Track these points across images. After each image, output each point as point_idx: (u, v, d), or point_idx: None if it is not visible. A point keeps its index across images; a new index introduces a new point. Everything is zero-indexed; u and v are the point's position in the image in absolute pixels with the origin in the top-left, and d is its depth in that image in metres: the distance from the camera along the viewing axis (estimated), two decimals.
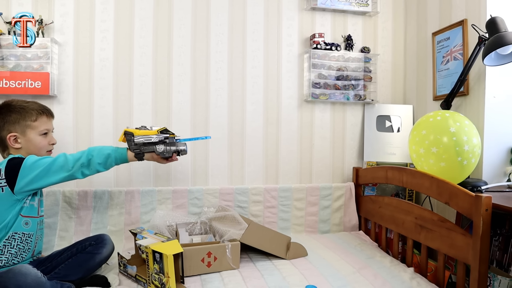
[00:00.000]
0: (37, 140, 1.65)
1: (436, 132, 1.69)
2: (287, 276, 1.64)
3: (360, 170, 2.34)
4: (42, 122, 1.67)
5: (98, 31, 2.12)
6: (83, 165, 1.57)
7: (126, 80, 2.15)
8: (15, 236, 1.52)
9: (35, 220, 1.59)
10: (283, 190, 2.28)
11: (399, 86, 2.50)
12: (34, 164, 1.52)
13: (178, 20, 2.20)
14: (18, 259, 1.53)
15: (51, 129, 1.73)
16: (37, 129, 1.65)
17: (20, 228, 1.53)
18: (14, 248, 1.52)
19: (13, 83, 1.95)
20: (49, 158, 1.56)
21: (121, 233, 2.07)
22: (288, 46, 2.35)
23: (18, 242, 1.53)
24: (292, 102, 2.35)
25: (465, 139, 1.63)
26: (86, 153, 1.58)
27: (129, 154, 1.65)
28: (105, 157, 1.60)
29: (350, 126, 2.43)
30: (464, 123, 1.68)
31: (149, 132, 1.66)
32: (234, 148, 2.29)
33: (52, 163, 1.53)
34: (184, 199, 2.15)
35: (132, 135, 1.64)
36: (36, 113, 1.66)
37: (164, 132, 1.70)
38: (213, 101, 2.25)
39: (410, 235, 1.84)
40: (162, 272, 1.47)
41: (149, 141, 1.66)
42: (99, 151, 1.60)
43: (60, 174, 1.54)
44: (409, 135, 1.87)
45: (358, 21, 2.45)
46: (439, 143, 1.67)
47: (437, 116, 1.74)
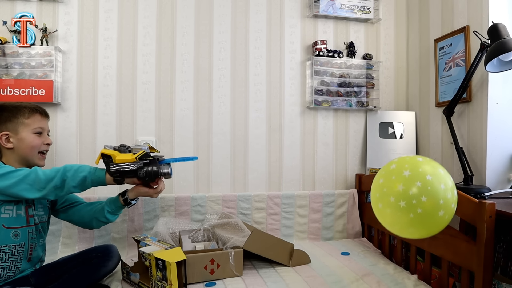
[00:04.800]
0: (30, 139, 1.57)
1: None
2: (290, 283, 1.63)
3: (363, 177, 2.34)
4: (36, 120, 1.60)
5: (101, 39, 2.14)
6: (56, 187, 1.42)
7: (129, 88, 2.17)
8: (4, 249, 1.45)
9: (24, 230, 1.51)
10: (286, 197, 2.28)
11: (401, 92, 2.51)
12: (3, 176, 1.39)
13: (181, 28, 2.22)
14: (13, 271, 1.48)
15: (46, 129, 1.66)
16: (30, 126, 1.58)
17: (8, 240, 1.46)
18: (6, 262, 1.46)
19: (17, 91, 1.97)
20: (23, 171, 1.41)
21: (124, 240, 2.07)
22: (291, 53, 2.35)
23: (9, 255, 1.46)
24: (295, 109, 2.35)
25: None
26: (60, 173, 1.42)
27: (107, 178, 1.49)
28: (80, 180, 1.44)
29: (353, 132, 2.43)
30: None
31: (127, 158, 1.47)
32: (237, 155, 2.29)
33: (25, 177, 1.39)
34: (187, 206, 2.15)
35: (110, 159, 1.48)
36: (29, 110, 1.60)
37: (144, 157, 1.51)
38: (216, 108, 2.26)
39: (414, 242, 1.83)
40: (165, 280, 1.47)
41: (126, 170, 1.48)
42: (74, 172, 1.44)
43: (32, 193, 1.40)
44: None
45: (360, 28, 2.46)
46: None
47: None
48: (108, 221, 1.71)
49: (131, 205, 1.69)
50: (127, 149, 1.51)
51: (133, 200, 1.66)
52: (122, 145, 1.53)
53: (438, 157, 2.17)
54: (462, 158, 1.82)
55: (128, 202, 1.66)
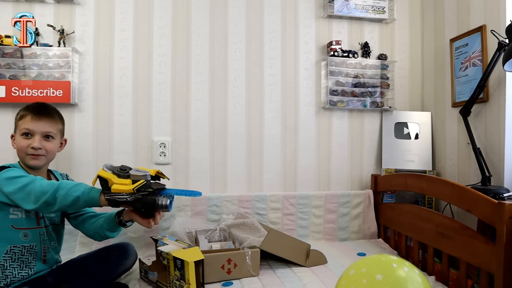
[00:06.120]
0: (17, 141, 1.58)
1: None
2: (307, 283, 1.63)
3: (378, 177, 2.33)
4: (25, 121, 1.57)
5: (117, 40, 2.16)
6: (48, 204, 1.34)
7: (145, 88, 2.18)
8: (14, 249, 1.47)
9: (35, 231, 1.52)
10: (301, 197, 2.27)
11: (417, 93, 2.49)
12: (9, 180, 1.40)
13: (196, 29, 2.23)
14: (26, 271, 1.50)
15: (36, 132, 1.57)
16: (19, 128, 1.58)
17: (18, 241, 1.48)
18: (16, 261, 1.48)
19: (35, 92, 1.99)
20: (26, 179, 1.39)
21: (141, 240, 2.08)
22: (305, 54, 2.35)
23: (19, 255, 1.48)
24: (310, 109, 2.35)
25: None
26: (53, 189, 1.33)
27: (101, 200, 1.34)
28: (73, 199, 1.33)
29: (368, 133, 2.42)
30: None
31: (124, 189, 1.30)
32: (252, 155, 2.29)
33: (25, 186, 1.37)
34: (203, 206, 2.16)
35: (106, 183, 1.33)
36: (22, 111, 1.60)
37: (142, 188, 1.33)
38: (231, 109, 2.26)
39: (431, 243, 1.82)
40: (183, 279, 1.48)
41: (122, 201, 1.33)
42: (67, 191, 1.33)
43: (27, 204, 1.36)
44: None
45: (375, 28, 2.45)
46: None
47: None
48: (108, 238, 1.66)
49: (127, 226, 1.63)
50: (126, 173, 1.35)
51: (128, 222, 1.60)
52: (123, 168, 1.37)
53: (455, 158, 2.16)
54: (479, 158, 1.81)
55: (123, 223, 1.60)
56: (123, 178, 1.32)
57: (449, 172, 2.22)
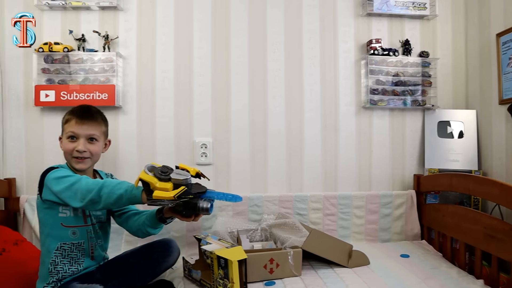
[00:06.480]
0: (64, 143, 1.63)
1: None
2: (350, 284, 1.62)
3: (421, 178, 2.28)
4: (70, 125, 1.62)
5: (159, 44, 2.21)
6: (93, 201, 1.37)
7: (186, 90, 2.22)
8: (64, 246, 1.53)
9: (83, 229, 1.58)
10: (342, 198, 2.26)
11: (460, 90, 2.42)
12: (57, 179, 1.45)
13: (236, 31, 2.25)
14: (75, 267, 1.55)
15: (81, 135, 1.62)
16: (65, 131, 1.64)
17: (67, 238, 1.54)
18: (66, 258, 1.53)
19: (82, 95, 2.07)
20: (73, 178, 1.44)
21: (183, 239, 2.12)
22: (345, 53, 2.33)
23: (69, 252, 1.54)
24: (350, 108, 2.33)
25: None
26: (98, 187, 1.37)
27: (143, 198, 1.35)
28: (116, 198, 1.36)
29: (409, 132, 2.37)
30: None
31: (165, 196, 1.27)
32: (292, 155, 2.29)
33: (72, 184, 1.41)
34: (244, 206, 2.18)
35: (148, 186, 1.31)
36: (68, 115, 1.65)
37: (183, 195, 1.30)
38: (271, 109, 2.27)
39: (479, 245, 1.76)
40: (227, 278, 1.49)
41: (163, 205, 1.39)
42: (111, 189, 1.36)
43: (75, 201, 1.40)
44: None
45: (416, 25, 2.40)
46: None
47: None
48: (150, 234, 1.69)
49: (168, 223, 1.65)
50: (167, 175, 1.31)
51: (168, 219, 1.61)
52: (164, 170, 1.33)
53: (503, 157, 2.08)
54: None
55: (164, 220, 1.62)
56: (164, 182, 1.30)
57: (496, 172, 2.14)
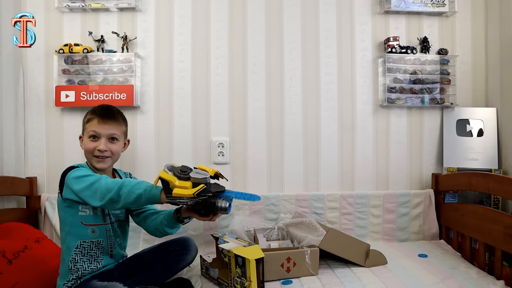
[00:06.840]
0: (85, 142, 1.65)
1: None
2: (368, 284, 1.61)
3: (440, 177, 2.25)
4: (92, 124, 1.64)
5: (176, 44, 2.23)
6: (113, 201, 1.39)
7: (203, 90, 2.24)
8: (84, 244, 1.55)
9: (102, 228, 1.60)
10: (359, 197, 2.25)
11: (480, 88, 2.38)
12: (77, 179, 1.48)
13: (252, 30, 2.26)
14: (94, 265, 1.58)
15: (102, 134, 1.64)
16: (86, 130, 1.66)
17: (87, 236, 1.56)
18: (86, 255, 1.56)
19: (101, 95, 2.11)
20: (93, 177, 1.46)
21: (201, 237, 2.14)
22: (362, 51, 2.32)
23: (88, 250, 1.56)
24: (367, 107, 2.32)
25: None
26: (117, 187, 1.38)
27: (162, 198, 1.37)
28: (135, 197, 1.37)
29: (427, 131, 2.35)
30: None
31: (184, 193, 1.30)
32: (309, 154, 2.29)
33: (92, 184, 1.44)
34: (260, 205, 2.19)
35: (168, 184, 1.35)
36: (90, 114, 1.67)
37: (202, 193, 1.33)
38: (287, 108, 2.27)
39: (499, 246, 1.73)
40: (244, 276, 1.50)
41: (182, 203, 1.37)
42: (131, 188, 1.38)
43: (94, 200, 1.42)
44: None
45: (434, 22, 2.37)
46: None
47: None
48: (167, 234, 1.70)
49: (185, 223, 1.67)
50: (186, 175, 1.35)
51: (186, 219, 1.63)
52: (183, 169, 1.37)
53: None
54: None
55: (181, 220, 1.63)
56: (183, 180, 1.34)
57: None
